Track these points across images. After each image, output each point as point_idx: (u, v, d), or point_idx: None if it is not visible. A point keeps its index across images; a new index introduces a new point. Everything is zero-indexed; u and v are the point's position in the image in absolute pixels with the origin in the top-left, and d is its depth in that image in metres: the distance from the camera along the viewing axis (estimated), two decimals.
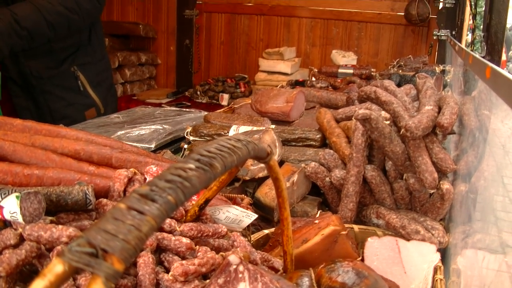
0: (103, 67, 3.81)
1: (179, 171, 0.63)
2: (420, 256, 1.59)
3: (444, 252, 1.72)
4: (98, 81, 3.66)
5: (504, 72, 0.92)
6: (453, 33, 4.44)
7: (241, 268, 0.87)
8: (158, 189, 0.59)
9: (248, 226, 1.47)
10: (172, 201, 0.59)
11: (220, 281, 0.88)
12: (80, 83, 3.49)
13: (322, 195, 2.05)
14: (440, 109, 1.83)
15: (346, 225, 1.72)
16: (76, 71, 3.45)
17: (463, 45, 3.09)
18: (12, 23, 2.78)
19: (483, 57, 1.99)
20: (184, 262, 1.02)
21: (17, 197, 1.03)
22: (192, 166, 0.65)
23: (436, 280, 1.49)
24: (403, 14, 5.60)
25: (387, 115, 1.84)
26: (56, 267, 0.53)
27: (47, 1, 2.99)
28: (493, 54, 1.95)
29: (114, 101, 3.96)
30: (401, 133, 1.73)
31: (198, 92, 6.11)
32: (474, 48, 2.11)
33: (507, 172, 1.38)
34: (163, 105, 5.46)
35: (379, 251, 1.61)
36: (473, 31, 2.24)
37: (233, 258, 0.89)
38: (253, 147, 0.82)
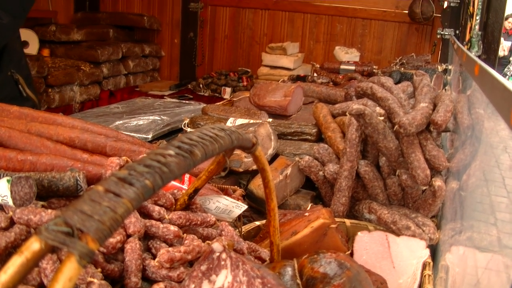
0: (26, 61, 3.09)
1: (159, 156, 0.64)
2: (410, 251, 1.61)
3: (435, 249, 1.74)
4: (31, 78, 3.08)
5: (490, 70, 0.93)
6: (457, 32, 4.43)
7: (223, 255, 0.89)
8: (136, 173, 0.60)
9: (240, 217, 1.49)
10: (150, 185, 0.60)
11: (203, 267, 0.90)
12: (21, 87, 2.87)
13: (316, 189, 2.07)
14: (435, 106, 1.84)
15: (338, 219, 1.73)
16: (14, 73, 2.83)
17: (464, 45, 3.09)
18: None
19: (479, 56, 1.99)
20: (170, 249, 1.04)
21: (8, 181, 1.05)
22: (172, 152, 0.66)
23: (425, 276, 1.50)
24: (407, 12, 5.59)
25: (382, 111, 1.85)
26: (33, 244, 0.54)
27: None
28: (489, 52, 1.96)
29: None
30: (394, 129, 1.74)
31: (201, 85, 6.13)
32: (471, 46, 2.12)
33: (497, 173, 1.39)
34: (165, 97, 5.48)
35: (368, 245, 1.62)
36: (469, 30, 2.25)
37: (216, 246, 0.90)
38: (237, 136, 0.83)
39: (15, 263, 0.54)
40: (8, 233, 1.01)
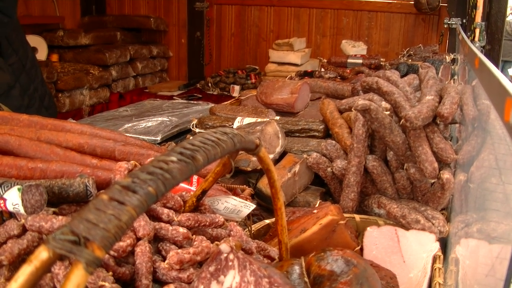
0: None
1: (161, 163, 0.66)
2: (419, 245, 1.61)
3: (445, 241, 1.74)
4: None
5: (488, 63, 0.93)
6: (464, 21, 4.39)
7: (231, 256, 0.90)
8: (139, 181, 0.62)
9: (249, 216, 1.51)
10: (153, 192, 0.62)
11: (211, 268, 0.91)
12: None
13: (325, 186, 2.07)
14: (441, 99, 1.84)
15: (347, 215, 1.74)
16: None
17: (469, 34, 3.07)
18: None
19: (483, 47, 1.98)
20: (179, 251, 1.05)
21: (18, 189, 1.07)
22: (174, 158, 0.68)
23: (435, 269, 1.51)
24: (413, 3, 5.57)
25: (388, 106, 1.85)
26: (41, 253, 0.56)
27: None
28: (493, 43, 1.95)
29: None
30: (401, 123, 1.74)
31: (210, 84, 6.16)
32: (475, 37, 2.11)
33: (506, 163, 1.38)
34: (174, 97, 5.51)
35: (378, 240, 1.63)
36: (473, 20, 2.24)
37: (224, 247, 0.92)
38: (240, 139, 0.84)
39: (25, 272, 0.57)
40: (21, 240, 1.03)
